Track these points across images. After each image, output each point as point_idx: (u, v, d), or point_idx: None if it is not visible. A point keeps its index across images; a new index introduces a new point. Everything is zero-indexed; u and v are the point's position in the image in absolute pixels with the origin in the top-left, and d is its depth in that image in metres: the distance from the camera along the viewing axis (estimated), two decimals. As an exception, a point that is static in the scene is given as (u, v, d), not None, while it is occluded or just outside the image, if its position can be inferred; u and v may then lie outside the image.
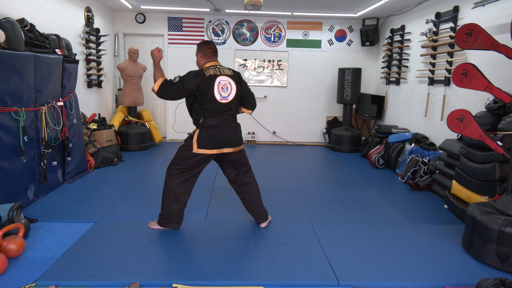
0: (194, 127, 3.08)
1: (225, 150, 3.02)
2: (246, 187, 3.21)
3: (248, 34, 7.22)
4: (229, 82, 2.98)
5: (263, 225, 3.28)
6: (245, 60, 7.29)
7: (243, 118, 7.38)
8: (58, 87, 4.18)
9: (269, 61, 7.30)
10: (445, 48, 4.85)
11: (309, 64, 7.34)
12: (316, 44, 7.27)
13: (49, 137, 3.92)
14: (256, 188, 3.26)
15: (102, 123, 5.85)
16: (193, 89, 2.90)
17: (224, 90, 2.96)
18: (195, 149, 2.96)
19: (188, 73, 2.96)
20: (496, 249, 2.62)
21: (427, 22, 5.18)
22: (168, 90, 2.92)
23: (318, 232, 3.19)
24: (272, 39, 7.25)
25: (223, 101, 2.96)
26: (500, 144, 2.96)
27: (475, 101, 4.16)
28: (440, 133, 4.92)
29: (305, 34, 7.25)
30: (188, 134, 3.11)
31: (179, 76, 2.93)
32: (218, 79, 2.95)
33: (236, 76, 3.07)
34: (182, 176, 3.05)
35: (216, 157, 3.11)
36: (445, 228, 3.35)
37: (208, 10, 6.69)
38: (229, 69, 3.09)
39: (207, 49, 3.08)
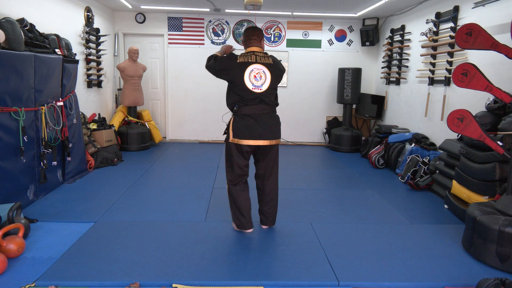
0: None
1: (261, 142, 2.91)
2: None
3: (248, 34, 7.21)
4: (263, 71, 2.85)
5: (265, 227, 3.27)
6: (245, 60, 7.28)
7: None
8: (58, 87, 4.18)
9: (269, 61, 7.29)
10: (445, 48, 4.85)
11: (309, 64, 7.34)
12: (316, 44, 7.27)
13: (49, 137, 3.91)
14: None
15: (102, 123, 5.84)
16: (219, 69, 2.95)
17: (256, 79, 2.84)
18: (231, 138, 2.93)
19: (229, 54, 3.00)
20: (496, 249, 2.62)
21: (427, 22, 5.18)
22: (210, 62, 3.03)
23: (318, 232, 3.18)
24: (272, 39, 7.25)
25: (255, 90, 2.85)
26: (500, 144, 2.96)
27: (475, 101, 4.15)
28: (440, 133, 4.92)
29: (305, 34, 7.25)
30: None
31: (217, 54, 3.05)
32: (251, 67, 2.85)
33: (274, 66, 2.93)
34: (232, 171, 3.04)
35: (254, 151, 3.04)
36: (445, 228, 3.35)
37: (208, 10, 6.69)
38: (270, 57, 2.96)
39: (245, 35, 3.01)
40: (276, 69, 2.95)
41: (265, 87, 2.87)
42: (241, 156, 3.01)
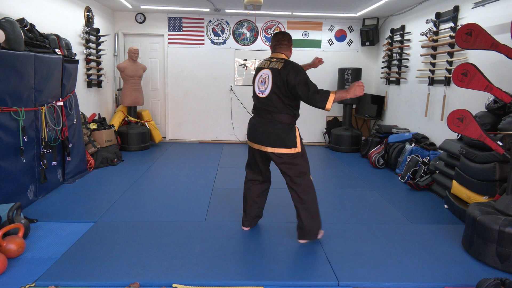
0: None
1: (256, 146, 2.94)
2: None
3: (248, 34, 7.22)
4: (268, 76, 2.81)
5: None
6: (245, 60, 7.29)
7: (242, 118, 7.40)
8: (58, 87, 4.18)
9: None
10: (445, 48, 4.85)
11: (309, 64, 7.33)
12: (316, 44, 7.27)
13: (49, 137, 3.91)
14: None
15: (102, 123, 5.85)
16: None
17: (262, 84, 2.86)
18: None
19: None
20: (496, 249, 2.62)
21: (427, 22, 5.18)
22: None
23: (318, 232, 3.18)
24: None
25: (260, 95, 2.87)
26: (500, 144, 2.96)
27: (475, 101, 4.16)
28: (440, 133, 4.92)
29: (305, 34, 7.25)
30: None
31: None
32: (261, 72, 2.89)
33: (277, 70, 2.76)
34: (247, 166, 3.19)
35: (266, 155, 2.97)
36: (445, 228, 3.35)
37: (208, 10, 6.68)
38: (282, 63, 2.79)
39: (271, 42, 3.00)
40: (281, 75, 2.74)
41: (267, 92, 2.82)
42: (250, 153, 3.11)
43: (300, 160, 2.90)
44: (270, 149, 2.85)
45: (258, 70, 2.97)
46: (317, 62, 3.34)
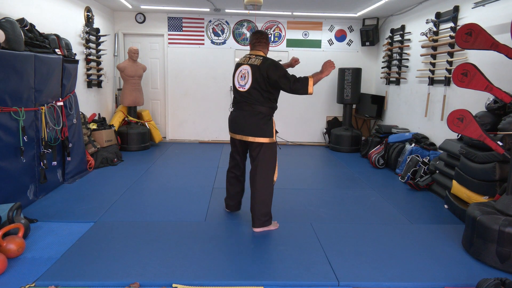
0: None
1: (238, 137, 3.15)
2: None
3: (248, 34, 7.22)
4: (247, 72, 3.05)
5: (256, 230, 3.17)
6: (245, 60, 7.29)
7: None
8: (58, 87, 4.18)
9: (269, 61, 7.29)
10: (445, 48, 4.85)
11: (309, 64, 7.30)
12: (316, 44, 7.27)
13: (49, 137, 3.91)
14: (254, 193, 3.14)
15: (102, 123, 5.85)
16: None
17: (242, 79, 3.08)
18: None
19: None
20: (496, 249, 2.62)
21: (427, 22, 5.18)
22: None
23: (318, 232, 3.18)
24: (272, 39, 7.25)
25: (240, 89, 3.11)
26: (500, 144, 2.96)
27: (475, 101, 4.16)
28: (440, 133, 4.92)
29: (305, 34, 7.25)
30: None
31: None
32: (241, 67, 3.12)
33: (257, 68, 3.00)
34: (230, 155, 3.43)
35: (246, 145, 3.23)
36: (445, 228, 3.35)
37: (208, 10, 6.69)
38: (261, 59, 3.04)
39: (250, 39, 3.27)
40: (261, 71, 2.99)
41: (247, 86, 3.06)
42: (232, 146, 3.35)
43: (271, 151, 3.12)
44: (250, 138, 3.07)
45: (237, 65, 3.19)
46: (293, 62, 3.56)
